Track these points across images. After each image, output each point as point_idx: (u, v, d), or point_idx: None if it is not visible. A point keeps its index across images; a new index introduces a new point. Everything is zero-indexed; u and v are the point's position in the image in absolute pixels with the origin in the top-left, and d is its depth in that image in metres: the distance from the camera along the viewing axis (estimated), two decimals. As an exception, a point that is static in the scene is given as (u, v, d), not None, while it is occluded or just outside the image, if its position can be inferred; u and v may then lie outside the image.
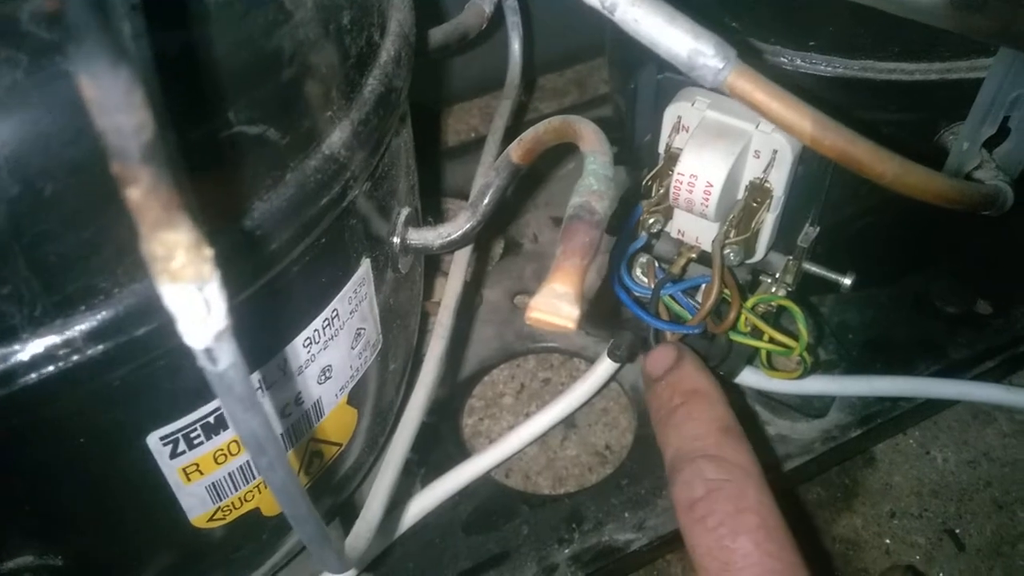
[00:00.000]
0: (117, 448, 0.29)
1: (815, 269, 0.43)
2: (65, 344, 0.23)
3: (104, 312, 0.24)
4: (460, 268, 0.47)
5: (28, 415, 0.25)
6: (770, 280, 0.43)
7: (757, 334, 0.42)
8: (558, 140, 0.34)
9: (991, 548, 0.55)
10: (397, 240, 0.37)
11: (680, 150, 0.39)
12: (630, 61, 0.49)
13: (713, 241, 0.40)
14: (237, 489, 0.34)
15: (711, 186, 0.38)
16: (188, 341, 0.17)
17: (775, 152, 0.38)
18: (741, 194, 0.40)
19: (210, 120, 0.24)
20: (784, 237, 0.42)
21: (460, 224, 0.37)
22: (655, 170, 0.41)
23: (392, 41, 0.33)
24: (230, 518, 0.35)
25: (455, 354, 0.58)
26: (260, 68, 0.25)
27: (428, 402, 0.42)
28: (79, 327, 0.23)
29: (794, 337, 0.41)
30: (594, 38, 0.61)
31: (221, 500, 0.33)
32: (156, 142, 0.14)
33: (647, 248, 0.44)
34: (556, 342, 0.59)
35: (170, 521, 0.33)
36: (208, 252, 0.16)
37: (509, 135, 0.43)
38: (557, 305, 0.24)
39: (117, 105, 0.14)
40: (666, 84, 0.41)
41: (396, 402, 0.45)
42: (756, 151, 0.38)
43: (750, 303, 0.42)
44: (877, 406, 0.55)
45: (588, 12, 0.28)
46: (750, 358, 0.48)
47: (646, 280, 0.44)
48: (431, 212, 0.61)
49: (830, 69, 0.42)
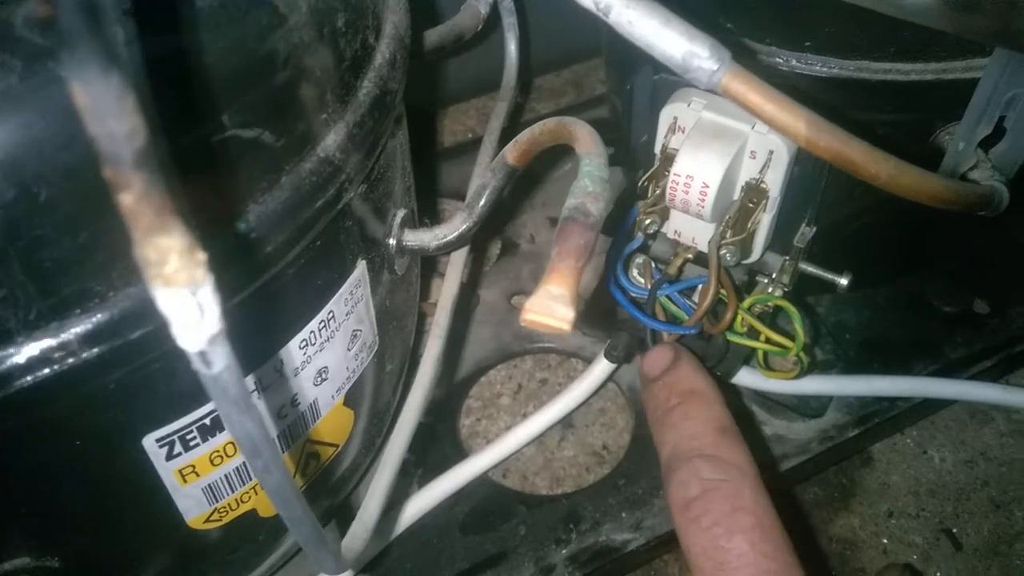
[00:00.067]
0: (113, 450, 0.29)
1: (811, 269, 0.43)
2: (60, 347, 0.23)
3: (99, 315, 0.24)
4: (457, 269, 0.47)
5: (24, 417, 0.25)
6: (767, 280, 0.43)
7: (754, 334, 0.43)
8: (554, 141, 0.34)
9: (988, 547, 0.55)
10: (393, 242, 0.37)
11: (676, 151, 0.39)
12: (626, 62, 0.49)
13: (709, 242, 0.40)
14: (233, 490, 0.34)
15: (707, 187, 0.38)
16: (182, 344, 0.17)
17: (771, 153, 0.38)
18: (737, 195, 0.40)
19: (204, 124, 0.24)
20: (780, 237, 0.42)
21: (456, 225, 0.37)
22: (651, 171, 0.41)
23: (387, 43, 0.33)
24: (227, 519, 0.35)
25: (452, 355, 0.58)
26: (254, 72, 0.25)
27: (425, 403, 0.42)
28: (74, 330, 0.23)
29: (791, 337, 0.41)
30: (591, 39, 0.61)
31: (217, 501, 0.33)
32: (148, 147, 0.14)
33: (644, 249, 0.44)
34: (553, 343, 0.59)
35: (167, 523, 0.33)
36: (201, 256, 0.16)
37: (506, 136, 0.43)
38: (552, 307, 0.24)
39: (109, 111, 0.14)
40: (662, 85, 0.41)
41: (393, 403, 0.45)
42: (752, 152, 0.38)
43: (747, 303, 0.42)
44: (874, 406, 0.55)
45: (583, 14, 0.28)
46: (747, 358, 0.48)
47: (643, 281, 0.44)
48: (427, 213, 0.61)
49: (825, 69, 0.42)
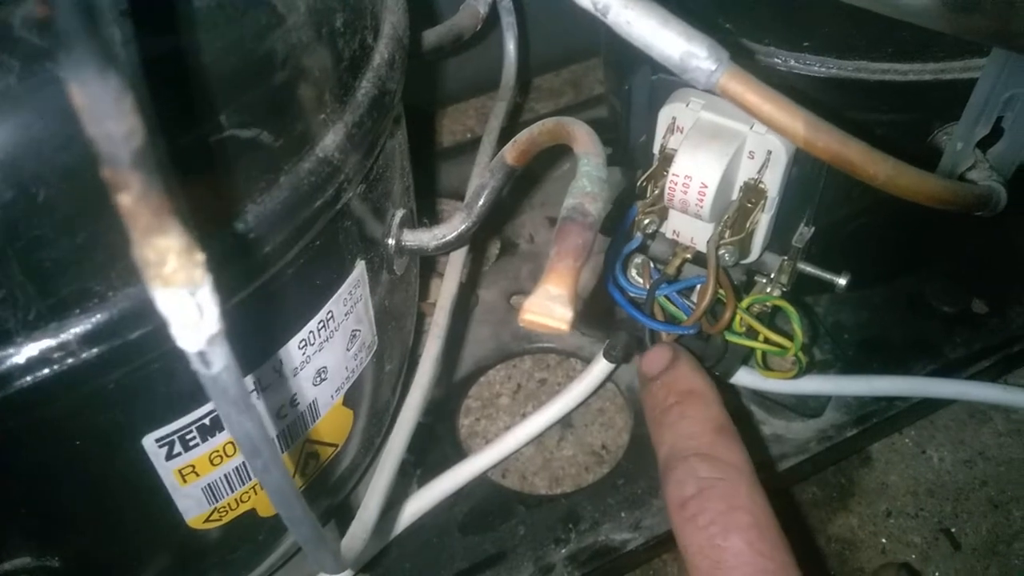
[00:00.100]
0: (113, 450, 0.29)
1: (810, 269, 0.43)
2: (60, 347, 0.23)
3: (98, 315, 0.24)
4: (456, 269, 0.47)
5: (24, 417, 0.25)
6: (765, 280, 0.43)
7: (752, 334, 0.43)
8: (552, 142, 0.34)
9: (987, 547, 0.55)
10: (392, 242, 0.37)
11: (675, 151, 0.39)
12: (625, 62, 0.49)
13: (708, 242, 0.40)
14: (233, 490, 0.34)
15: (706, 187, 0.38)
16: (181, 345, 0.17)
17: (769, 153, 0.38)
18: (736, 195, 0.40)
19: (202, 124, 0.24)
20: (779, 237, 0.42)
21: (455, 225, 0.37)
22: (650, 171, 0.41)
23: (386, 43, 0.33)
24: (226, 519, 0.35)
25: (451, 355, 0.58)
26: (252, 72, 0.25)
27: (424, 403, 0.42)
28: (73, 330, 0.23)
29: (789, 337, 0.41)
30: (589, 39, 0.61)
31: (217, 501, 0.34)
32: (146, 148, 0.14)
33: (642, 249, 0.44)
34: (552, 342, 0.59)
35: (166, 522, 0.33)
36: (200, 257, 0.16)
37: (505, 136, 0.43)
38: (550, 307, 0.24)
39: (107, 112, 0.14)
40: (661, 85, 0.41)
41: (392, 403, 0.45)
42: (751, 152, 0.38)
43: (745, 303, 0.42)
44: (873, 406, 0.55)
45: (582, 14, 0.28)
46: (745, 358, 0.48)
47: (641, 281, 0.44)
48: (426, 213, 0.61)
49: (824, 70, 0.42)
